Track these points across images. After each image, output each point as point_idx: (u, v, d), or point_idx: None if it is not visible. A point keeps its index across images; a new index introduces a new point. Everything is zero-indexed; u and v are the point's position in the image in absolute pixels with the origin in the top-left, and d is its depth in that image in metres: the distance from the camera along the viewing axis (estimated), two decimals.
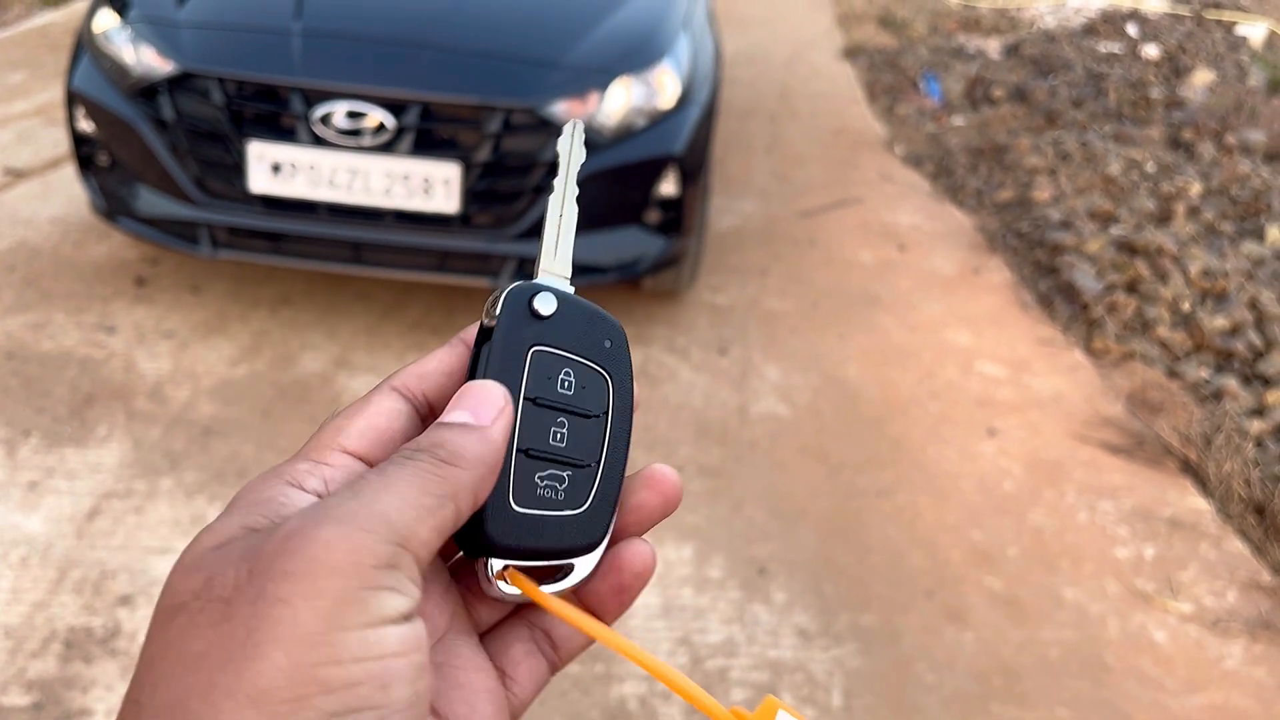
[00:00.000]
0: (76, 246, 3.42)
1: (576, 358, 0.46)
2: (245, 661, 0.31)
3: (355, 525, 0.34)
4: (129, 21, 2.94)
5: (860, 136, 5.38)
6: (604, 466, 0.46)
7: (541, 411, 0.45)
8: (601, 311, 0.48)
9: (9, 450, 2.49)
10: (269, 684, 0.31)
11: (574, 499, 0.45)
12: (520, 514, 0.43)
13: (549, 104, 2.82)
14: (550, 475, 0.44)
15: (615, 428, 0.46)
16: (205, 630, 0.33)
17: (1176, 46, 6.59)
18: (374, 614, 0.33)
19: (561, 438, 0.45)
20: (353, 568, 0.33)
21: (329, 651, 0.32)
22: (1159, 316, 3.55)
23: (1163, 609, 2.38)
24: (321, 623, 0.32)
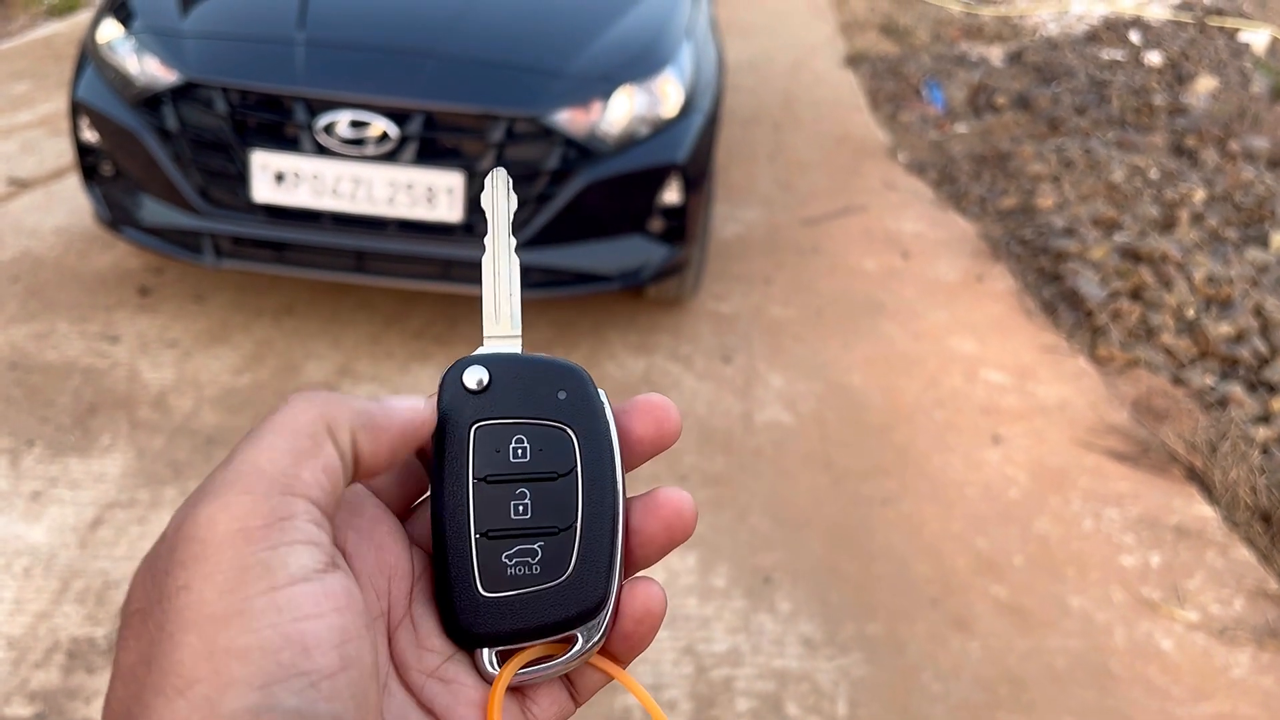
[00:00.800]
0: (80, 256, 3.43)
1: (525, 421, 0.44)
2: (163, 656, 0.31)
3: (231, 492, 0.33)
4: (133, 32, 2.95)
5: (863, 144, 5.38)
6: (584, 525, 0.43)
7: (496, 488, 0.43)
8: (552, 361, 0.45)
9: (12, 460, 2.49)
10: (189, 671, 0.30)
11: (552, 569, 0.42)
12: (492, 599, 0.41)
13: (552, 113, 2.82)
14: (519, 551, 0.42)
15: (591, 479, 0.43)
16: (130, 643, 0.33)
17: (1179, 53, 6.59)
18: (277, 575, 0.32)
19: (524, 509, 0.43)
20: (241, 534, 0.32)
21: (240, 623, 0.31)
22: (1163, 323, 3.54)
23: (1169, 617, 2.37)
24: (225, 596, 0.31)
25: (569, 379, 0.45)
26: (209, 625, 0.31)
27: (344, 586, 0.34)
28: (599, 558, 0.42)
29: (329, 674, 0.31)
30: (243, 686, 0.30)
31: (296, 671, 0.31)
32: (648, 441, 0.44)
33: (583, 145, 2.85)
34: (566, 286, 2.98)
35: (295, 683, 0.31)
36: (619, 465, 0.44)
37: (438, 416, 0.43)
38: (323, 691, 0.31)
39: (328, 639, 0.32)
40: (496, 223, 0.49)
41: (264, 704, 0.30)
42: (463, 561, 0.42)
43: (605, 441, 0.44)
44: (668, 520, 0.43)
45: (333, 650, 0.32)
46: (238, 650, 0.30)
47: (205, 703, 0.30)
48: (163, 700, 0.30)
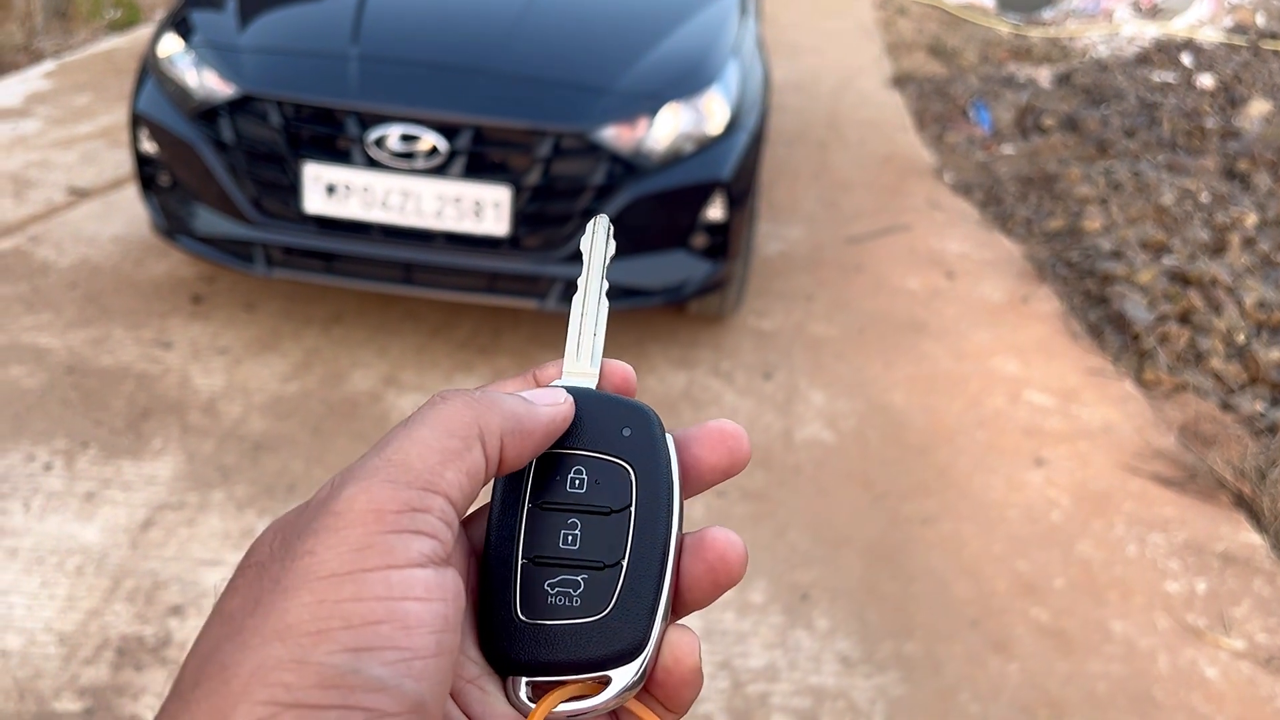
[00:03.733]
0: (136, 264, 3.51)
1: (587, 453, 0.43)
2: (273, 604, 0.32)
3: (376, 478, 0.35)
4: (192, 46, 3.03)
5: (909, 164, 5.37)
6: (630, 564, 0.42)
7: (548, 515, 0.43)
8: (622, 400, 0.45)
9: (68, 461, 2.55)
10: (295, 619, 0.32)
11: (592, 604, 0.41)
12: (529, 625, 0.41)
13: (599, 129, 2.85)
14: (562, 581, 0.42)
15: (644, 520, 0.42)
16: (240, 590, 0.34)
17: (1232, 76, 6.51)
18: (398, 556, 0.33)
19: (573, 540, 0.42)
20: (374, 515, 0.34)
21: (352, 589, 0.32)
22: (1213, 348, 3.50)
23: (1214, 645, 2.33)
24: (345, 564, 0.33)
25: (635, 418, 0.44)
26: (322, 585, 0.32)
27: (454, 582, 0.35)
28: (641, 599, 0.41)
29: (423, 655, 0.33)
30: (337, 644, 0.31)
31: (392, 645, 0.32)
32: (718, 470, 0.45)
33: (628, 161, 2.88)
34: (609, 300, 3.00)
35: (388, 654, 0.32)
36: (676, 509, 0.43)
37: None
38: (413, 670, 0.32)
39: (430, 623, 0.33)
40: (592, 265, 0.50)
41: (352, 665, 0.31)
42: (505, 583, 0.42)
43: (664, 483, 0.43)
44: (711, 564, 0.42)
45: (431, 635, 0.33)
46: (342, 612, 0.32)
47: (299, 649, 0.31)
48: (259, 640, 0.32)
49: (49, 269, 3.43)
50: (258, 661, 0.31)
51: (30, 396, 2.78)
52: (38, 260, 3.49)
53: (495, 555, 0.42)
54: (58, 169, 4.20)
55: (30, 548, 2.27)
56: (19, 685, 1.95)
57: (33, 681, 1.96)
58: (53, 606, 2.13)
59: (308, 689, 0.30)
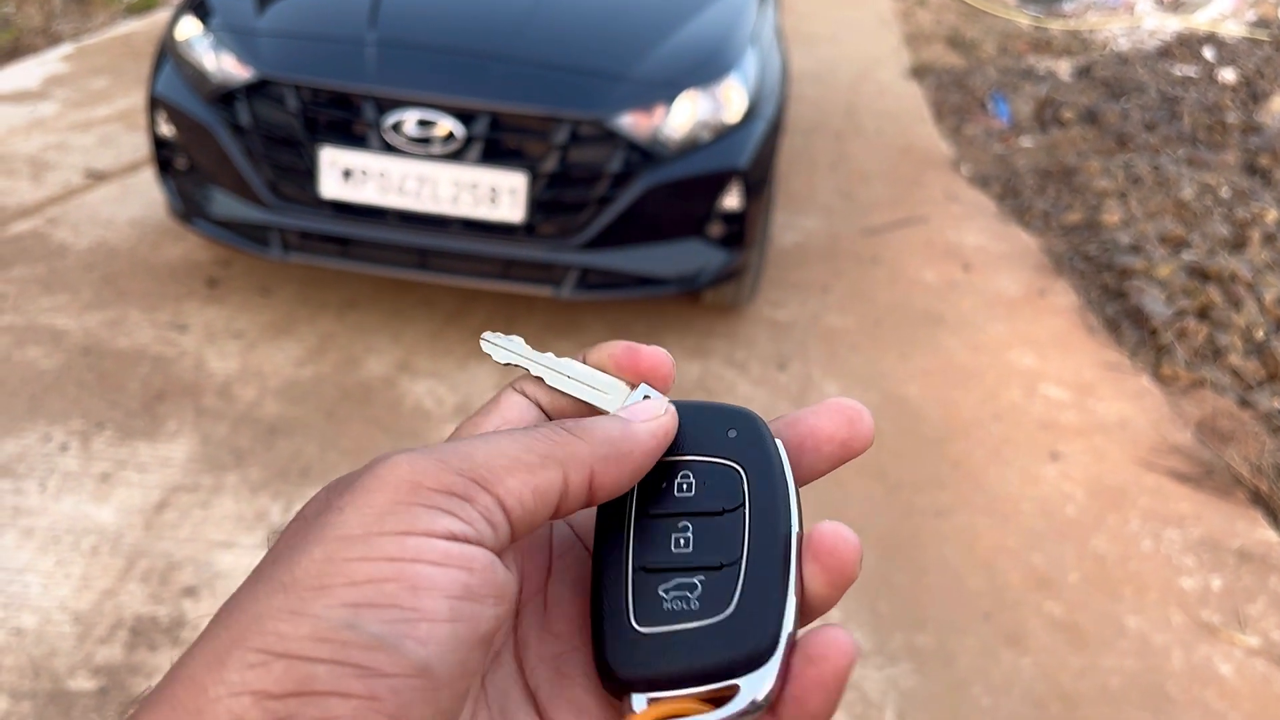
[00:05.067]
0: (152, 247, 3.52)
1: (691, 458, 0.42)
2: (287, 557, 0.33)
3: (433, 455, 0.35)
4: (210, 29, 3.03)
5: (926, 156, 5.34)
6: (749, 560, 0.39)
7: (657, 522, 0.41)
8: (723, 406, 0.44)
9: (83, 442, 2.56)
10: (301, 573, 0.32)
11: (713, 605, 0.38)
12: (646, 634, 0.38)
13: (616, 116, 2.84)
14: (677, 585, 0.39)
15: (761, 515, 0.40)
16: (282, 540, 0.35)
17: (1255, 71, 6.45)
18: (419, 525, 0.33)
19: (686, 543, 0.40)
20: (409, 485, 0.34)
21: (362, 549, 0.32)
22: (1231, 344, 3.47)
23: (1229, 642, 2.32)
24: (362, 525, 0.33)
25: (739, 420, 0.43)
26: (336, 542, 0.32)
27: (485, 558, 0.34)
28: (767, 595, 0.38)
29: (430, 618, 0.32)
30: (335, 598, 0.31)
31: (395, 603, 0.31)
32: (836, 440, 0.42)
33: (645, 149, 2.87)
34: (624, 289, 3.00)
35: (389, 613, 0.31)
36: (794, 504, 0.40)
37: None
38: (417, 631, 0.31)
39: (444, 587, 0.32)
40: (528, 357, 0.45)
41: (348, 620, 0.31)
42: (617, 594, 0.39)
43: (778, 479, 0.41)
44: (824, 563, 0.38)
45: (444, 599, 0.32)
46: (347, 570, 0.32)
47: (299, 601, 0.31)
48: (265, 590, 0.32)
49: (66, 251, 3.45)
50: (258, 610, 0.31)
51: (47, 377, 2.79)
52: (55, 242, 3.50)
53: (605, 570, 0.40)
54: (75, 152, 4.22)
55: (46, 527, 2.28)
56: (34, 663, 1.96)
57: (48, 660, 1.97)
58: (68, 586, 2.14)
59: (300, 640, 0.30)
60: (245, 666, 0.30)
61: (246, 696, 0.29)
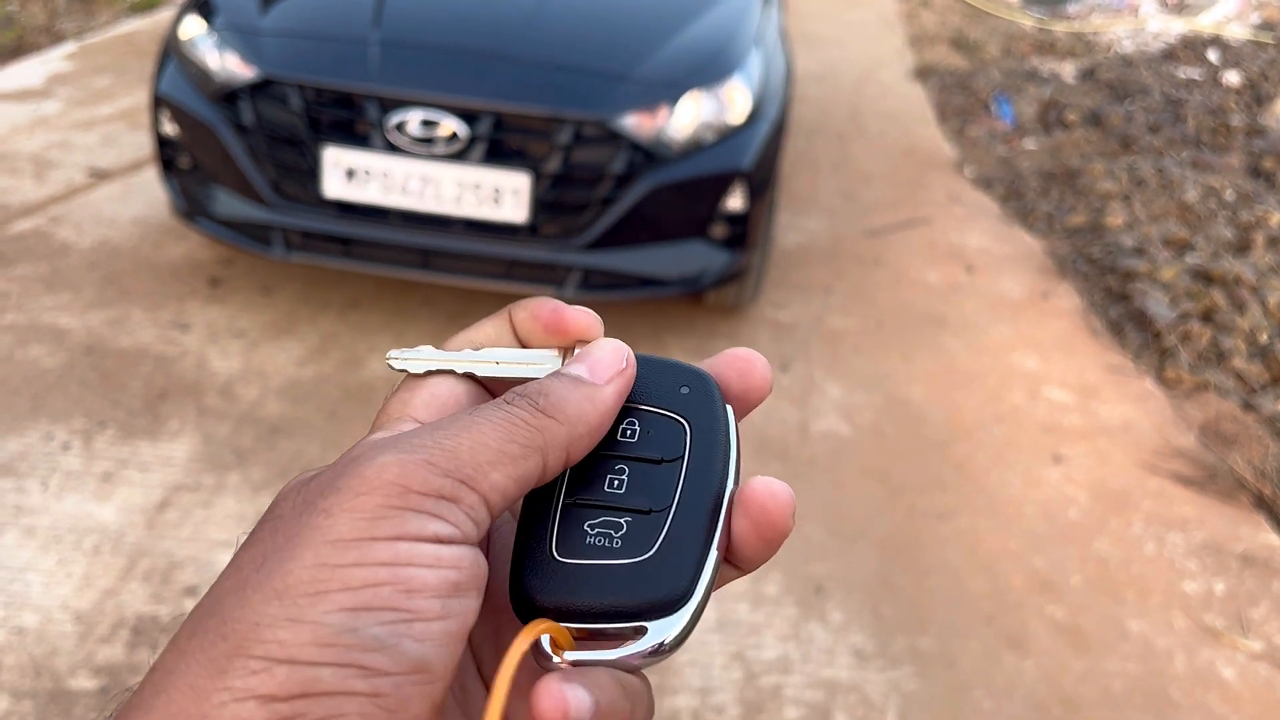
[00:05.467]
0: (155, 246, 3.52)
1: (640, 406, 0.42)
2: (278, 562, 0.33)
3: (418, 455, 0.35)
4: (215, 28, 3.03)
5: (930, 157, 5.34)
6: (677, 512, 0.39)
7: (595, 462, 0.41)
8: (680, 364, 0.44)
9: (85, 441, 2.56)
10: (295, 580, 0.32)
11: (634, 546, 0.39)
12: (562, 564, 0.39)
13: (620, 117, 2.84)
14: (603, 523, 0.39)
15: (696, 471, 0.40)
16: (257, 542, 0.35)
17: (1259, 74, 6.44)
18: (409, 530, 0.33)
19: (620, 485, 0.40)
20: (398, 489, 0.34)
21: (356, 554, 0.32)
22: (1235, 347, 3.46)
23: (1232, 646, 2.31)
24: (354, 530, 0.33)
25: (694, 378, 0.43)
26: (328, 547, 0.33)
27: (470, 556, 0.35)
28: (688, 547, 0.39)
29: (425, 618, 0.33)
30: (333, 604, 0.32)
31: (392, 606, 0.32)
32: (734, 393, 0.44)
33: (648, 150, 2.87)
34: (626, 290, 3.00)
35: (387, 615, 0.32)
36: (732, 465, 0.41)
37: None
38: (414, 631, 0.32)
39: (435, 588, 0.33)
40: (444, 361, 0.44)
41: (348, 624, 0.31)
42: (543, 522, 0.40)
43: (720, 438, 0.41)
44: (755, 519, 0.40)
45: (436, 599, 0.33)
46: (343, 574, 0.32)
47: (295, 608, 0.31)
48: (260, 597, 0.32)
49: (69, 250, 3.45)
50: (255, 618, 0.31)
51: (50, 376, 2.79)
52: (58, 241, 3.50)
53: (534, 497, 0.41)
54: (78, 150, 4.22)
55: (48, 526, 2.28)
56: (35, 662, 1.96)
57: (49, 659, 1.97)
58: (69, 585, 2.13)
59: (302, 646, 0.31)
60: (248, 673, 0.30)
61: (251, 700, 0.30)
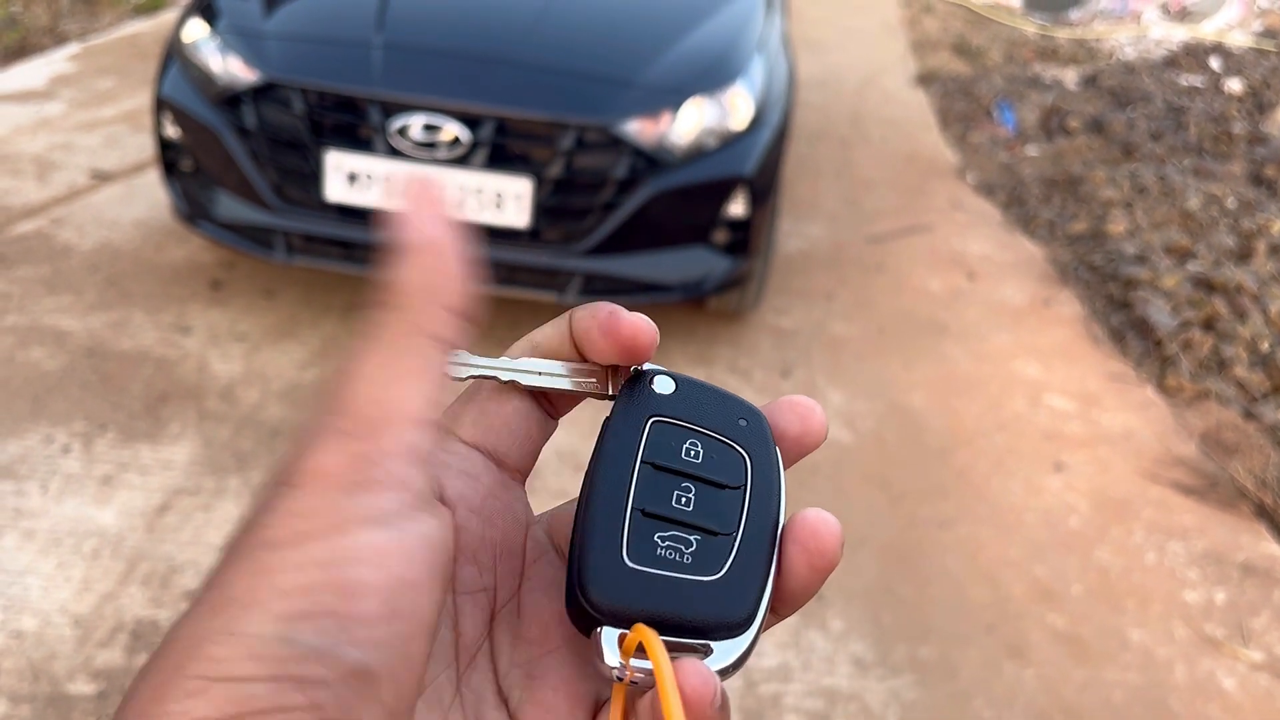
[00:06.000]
0: (157, 249, 3.52)
1: (704, 431, 0.42)
2: (220, 577, 0.32)
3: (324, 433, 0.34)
4: (217, 31, 3.03)
5: (932, 163, 5.34)
6: (744, 538, 0.39)
7: (662, 475, 0.40)
8: (736, 398, 0.44)
9: (85, 443, 2.56)
10: (232, 592, 0.31)
11: (704, 565, 0.38)
12: (634, 571, 0.38)
13: (622, 122, 2.84)
14: (674, 537, 0.39)
15: (758, 501, 0.40)
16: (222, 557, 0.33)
17: (1261, 82, 6.45)
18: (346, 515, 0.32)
19: (687, 502, 0.40)
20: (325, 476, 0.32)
21: (291, 557, 0.31)
22: (1236, 356, 3.46)
23: (1232, 656, 2.31)
24: (288, 530, 0.31)
25: (751, 413, 0.43)
26: (263, 552, 0.31)
27: (423, 537, 0.33)
28: (754, 573, 0.39)
29: (367, 620, 0.31)
30: (267, 614, 0.30)
31: (328, 611, 0.30)
32: (790, 438, 0.43)
33: (651, 155, 2.87)
34: (628, 295, 3.00)
35: (323, 622, 0.30)
36: (783, 509, 0.41)
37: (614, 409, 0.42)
38: (354, 635, 0.31)
39: (376, 586, 0.31)
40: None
41: (282, 634, 0.30)
42: (612, 528, 0.39)
43: (775, 472, 0.42)
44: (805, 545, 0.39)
45: (378, 598, 0.31)
46: (276, 582, 0.31)
47: (230, 621, 0.30)
48: (202, 612, 0.31)
49: (70, 251, 3.45)
50: (193, 635, 0.30)
51: (50, 378, 2.79)
52: (59, 243, 3.50)
53: (601, 502, 0.39)
54: (81, 152, 4.22)
55: (47, 529, 2.28)
56: (33, 666, 1.95)
57: (47, 663, 1.96)
58: (68, 589, 2.13)
59: (236, 661, 0.29)
60: (185, 695, 0.29)
61: None
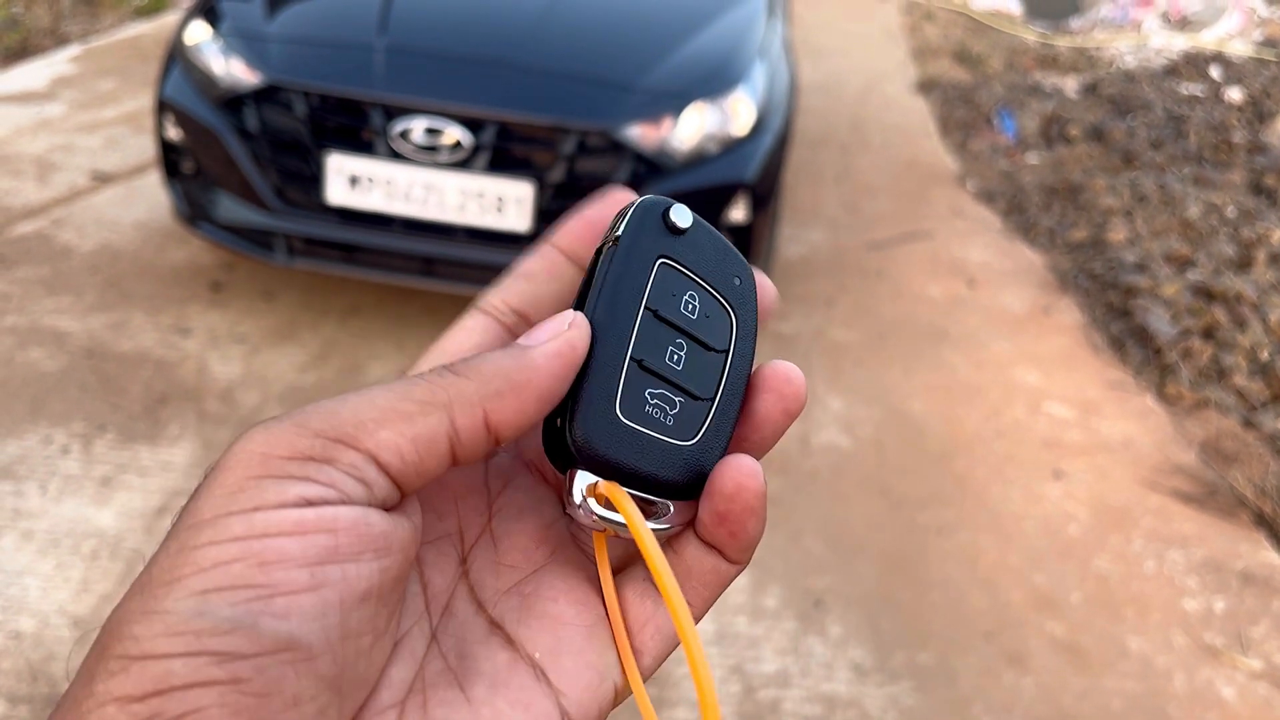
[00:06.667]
0: (157, 250, 3.52)
1: (704, 284, 0.42)
2: (151, 559, 0.32)
3: (291, 420, 0.33)
4: (220, 34, 3.03)
5: (932, 170, 5.34)
6: (718, 405, 0.41)
7: (661, 327, 0.41)
8: (735, 249, 0.44)
9: (85, 445, 2.56)
10: (156, 570, 0.31)
11: (683, 429, 0.40)
12: (623, 425, 0.39)
13: (624, 127, 2.84)
14: (661, 395, 0.40)
15: (734, 370, 0.42)
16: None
17: (1261, 91, 6.46)
18: (268, 498, 0.32)
19: (679, 360, 0.41)
20: (260, 459, 0.32)
21: (210, 533, 0.31)
22: (1236, 364, 3.46)
23: (1231, 665, 2.31)
24: (212, 509, 0.31)
25: (744, 272, 0.44)
26: (185, 532, 0.31)
27: (351, 516, 0.33)
28: (720, 441, 0.40)
29: (288, 591, 0.31)
30: (185, 589, 0.30)
31: (246, 583, 0.30)
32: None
33: (652, 160, 2.87)
34: None
35: (240, 594, 0.30)
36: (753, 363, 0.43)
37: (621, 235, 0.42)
38: (274, 607, 0.30)
39: (298, 556, 0.31)
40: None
41: (198, 609, 0.30)
42: (610, 375, 0.39)
43: (751, 344, 0.43)
44: (781, 391, 0.41)
45: (301, 569, 0.31)
46: (195, 557, 0.31)
47: (151, 599, 0.30)
48: (127, 594, 0.31)
49: (71, 252, 3.44)
50: (118, 616, 0.31)
51: (49, 379, 2.78)
52: (60, 243, 3.50)
53: (606, 342, 0.40)
54: (81, 153, 4.22)
55: (46, 530, 2.28)
56: (32, 668, 1.95)
57: (45, 664, 1.96)
58: (67, 590, 2.13)
59: (154, 638, 0.29)
60: (108, 675, 0.29)
61: (111, 705, 0.29)
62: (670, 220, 0.42)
